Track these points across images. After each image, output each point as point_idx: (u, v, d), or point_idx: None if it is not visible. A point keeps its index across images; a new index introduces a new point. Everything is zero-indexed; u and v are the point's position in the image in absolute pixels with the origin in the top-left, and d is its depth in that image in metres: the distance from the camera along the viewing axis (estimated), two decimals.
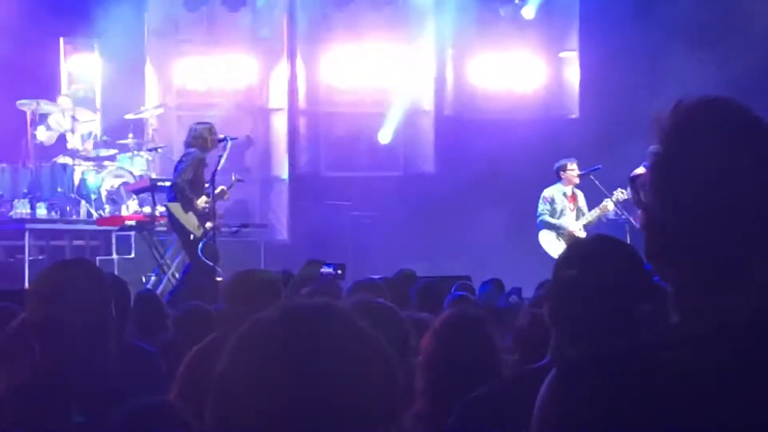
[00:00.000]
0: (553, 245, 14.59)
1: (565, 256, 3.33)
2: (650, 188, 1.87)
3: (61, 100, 16.38)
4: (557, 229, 14.75)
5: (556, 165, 15.03)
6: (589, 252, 3.28)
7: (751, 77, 16.80)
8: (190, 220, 12.95)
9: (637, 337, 2.66)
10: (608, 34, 17.96)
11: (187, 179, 12.92)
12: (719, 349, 1.78)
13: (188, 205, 12.96)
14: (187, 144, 13.19)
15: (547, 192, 14.95)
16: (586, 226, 14.67)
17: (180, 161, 13.20)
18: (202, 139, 13.11)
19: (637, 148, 7.82)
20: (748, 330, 1.79)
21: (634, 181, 1.91)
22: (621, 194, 14.27)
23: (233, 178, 13.90)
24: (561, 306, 3.23)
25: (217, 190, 13.37)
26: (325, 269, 9.78)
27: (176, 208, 12.99)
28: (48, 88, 16.48)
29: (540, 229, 14.94)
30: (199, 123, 13.60)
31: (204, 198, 13.09)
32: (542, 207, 14.89)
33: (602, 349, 1.86)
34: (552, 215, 14.83)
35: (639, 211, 1.93)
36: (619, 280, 3.10)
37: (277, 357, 1.77)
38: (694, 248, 1.82)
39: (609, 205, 14.48)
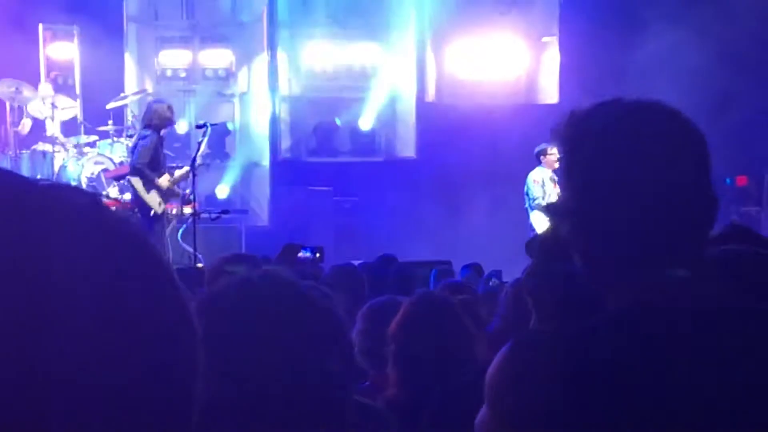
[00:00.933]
0: (545, 226, 14.61)
1: (541, 239, 3.33)
2: (562, 189, 1.98)
3: (40, 86, 16.31)
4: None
5: (537, 149, 15.08)
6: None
7: (732, 50, 16.86)
8: (152, 198, 13.04)
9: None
10: (589, 18, 17.96)
11: (145, 162, 13.04)
12: (647, 327, 1.83)
13: (150, 185, 13.08)
14: (146, 124, 13.21)
15: (536, 175, 15.01)
16: None
17: (137, 143, 13.26)
18: (161, 118, 13.16)
19: None
20: (677, 309, 1.85)
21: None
22: None
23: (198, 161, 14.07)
24: (540, 287, 3.23)
25: (182, 171, 13.50)
26: (302, 253, 9.79)
27: (138, 183, 13.11)
28: (27, 75, 16.38)
29: (532, 210, 15.00)
30: (157, 101, 13.69)
31: (166, 176, 13.28)
32: (537, 191, 14.93)
33: (554, 327, 1.93)
34: (543, 198, 14.92)
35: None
36: None
37: (227, 324, 1.83)
38: (606, 237, 1.89)
39: None
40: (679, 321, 1.83)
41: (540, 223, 14.84)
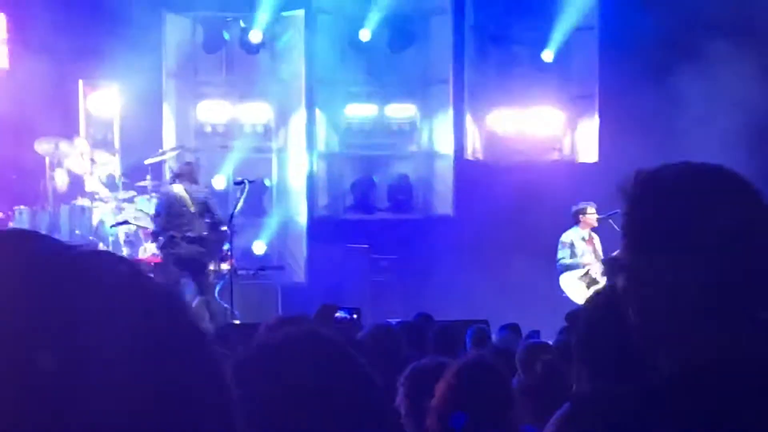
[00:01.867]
0: (574, 288, 14.49)
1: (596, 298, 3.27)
2: (621, 245, 2.00)
3: (78, 142, 16.40)
4: (578, 272, 14.66)
5: (575, 208, 14.99)
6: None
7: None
8: None
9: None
10: (628, 76, 17.92)
11: None
12: (697, 393, 1.85)
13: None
14: (195, 180, 13.82)
15: (566, 237, 14.88)
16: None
17: (211, 199, 13.69)
18: (193, 175, 13.98)
19: None
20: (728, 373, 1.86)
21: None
22: None
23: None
24: (589, 345, 3.18)
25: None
26: (339, 314, 9.72)
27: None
28: (67, 131, 16.49)
29: (560, 273, 14.85)
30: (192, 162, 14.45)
31: None
32: (561, 252, 14.81)
33: (611, 388, 1.97)
34: (570, 258, 14.77)
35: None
36: None
37: (264, 381, 1.84)
38: (669, 301, 1.90)
39: None
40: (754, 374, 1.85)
41: (568, 285, 14.69)
